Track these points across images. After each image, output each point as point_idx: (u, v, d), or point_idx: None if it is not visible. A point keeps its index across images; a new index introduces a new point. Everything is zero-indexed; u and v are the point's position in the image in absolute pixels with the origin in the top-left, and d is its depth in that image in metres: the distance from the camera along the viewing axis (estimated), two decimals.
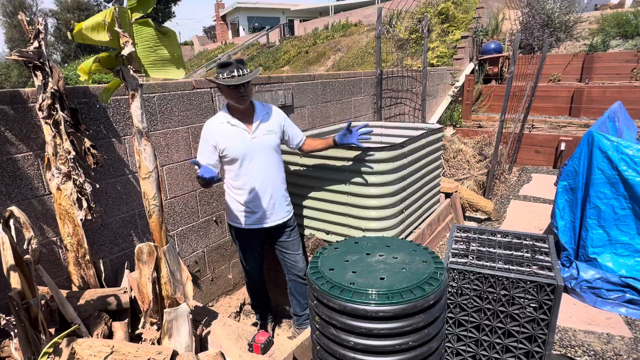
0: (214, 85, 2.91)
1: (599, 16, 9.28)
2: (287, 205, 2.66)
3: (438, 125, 3.80)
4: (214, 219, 3.11)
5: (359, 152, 2.84)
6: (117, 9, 1.58)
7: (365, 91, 4.93)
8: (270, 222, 2.55)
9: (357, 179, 2.89)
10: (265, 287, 2.94)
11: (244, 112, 2.41)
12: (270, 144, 2.46)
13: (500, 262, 2.14)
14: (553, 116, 7.44)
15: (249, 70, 2.29)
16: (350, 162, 2.88)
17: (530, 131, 6.69)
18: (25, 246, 1.64)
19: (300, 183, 3.20)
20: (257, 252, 2.68)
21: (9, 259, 1.59)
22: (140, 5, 1.67)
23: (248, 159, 2.39)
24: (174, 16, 29.69)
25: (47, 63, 1.93)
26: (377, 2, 17.79)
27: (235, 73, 2.22)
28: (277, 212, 2.57)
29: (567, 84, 7.80)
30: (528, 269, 2.05)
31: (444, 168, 5.51)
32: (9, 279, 1.61)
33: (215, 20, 32.62)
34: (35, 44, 1.89)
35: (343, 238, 3.06)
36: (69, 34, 1.58)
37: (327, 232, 3.23)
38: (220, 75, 2.24)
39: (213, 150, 2.34)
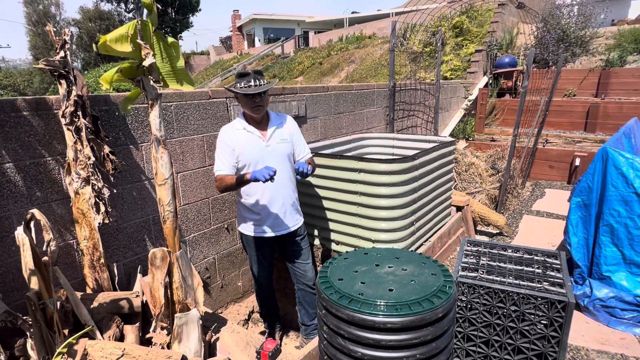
0: (229, 95, 2.98)
1: (616, 31, 9.21)
2: (297, 214, 2.68)
3: (450, 138, 3.81)
4: (226, 226, 3.15)
5: (371, 164, 2.86)
6: (139, 21, 1.64)
7: (378, 103, 4.96)
8: (281, 231, 2.57)
9: (368, 190, 2.91)
10: (274, 295, 2.96)
11: (259, 121, 2.46)
12: (283, 152, 2.50)
13: (510, 277, 2.12)
14: (568, 131, 7.37)
15: (266, 81, 2.35)
16: (361, 174, 2.90)
17: (544, 146, 6.63)
18: (44, 248, 1.69)
19: (311, 193, 3.22)
20: (267, 260, 2.70)
21: (28, 260, 1.65)
22: (152, 17, 1.73)
23: (260, 166, 2.42)
24: (192, 26, 30.34)
25: (71, 72, 2.01)
26: (392, 15, 17.94)
27: (252, 83, 2.29)
28: (288, 220, 2.59)
29: (582, 99, 7.72)
30: (539, 285, 2.03)
31: (455, 181, 5.48)
32: (27, 279, 1.66)
33: (231, 31, 33.22)
34: (62, 53, 1.97)
35: (352, 249, 3.07)
36: (94, 45, 1.65)
37: (337, 243, 3.25)
38: (238, 84, 2.31)
39: (232, 152, 2.39)
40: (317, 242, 3.38)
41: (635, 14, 14.12)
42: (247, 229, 2.58)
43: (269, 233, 2.56)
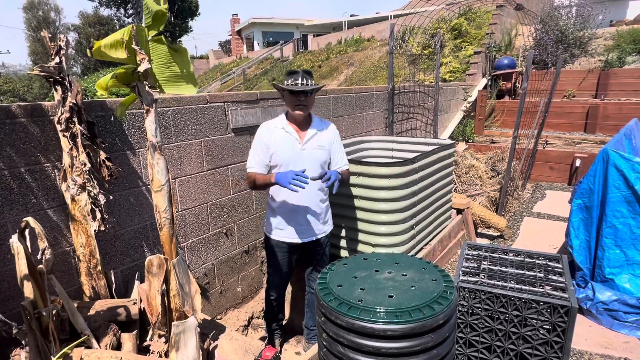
0: (227, 100, 2.96)
1: (614, 32, 9.22)
2: (323, 224, 2.57)
3: (450, 141, 3.79)
4: (224, 231, 3.13)
5: (370, 167, 2.84)
6: (134, 27, 1.63)
7: (377, 106, 4.95)
8: (303, 239, 2.51)
9: (367, 194, 2.89)
10: (283, 302, 2.86)
11: (301, 123, 2.42)
12: (317, 159, 2.42)
13: (512, 282, 2.10)
14: (567, 132, 7.35)
15: (314, 82, 2.32)
16: (361, 177, 2.88)
17: (544, 147, 6.62)
18: (39, 256, 1.67)
19: None
20: (285, 266, 2.62)
21: (23, 269, 1.62)
22: (154, 23, 1.72)
23: (292, 168, 2.36)
24: (191, 30, 30.40)
25: (66, 78, 1.99)
26: (390, 18, 17.97)
27: (299, 81, 2.27)
28: (311, 229, 2.51)
29: (582, 100, 7.71)
30: (541, 290, 2.01)
31: (455, 184, 5.46)
32: (22, 288, 1.64)
33: (230, 35, 33.31)
34: (57, 59, 1.96)
35: (352, 253, 3.05)
36: (88, 51, 1.63)
37: (337, 247, 3.22)
38: (286, 81, 2.30)
39: (266, 150, 2.37)
40: None
41: (634, 14, 14.15)
42: (270, 231, 2.56)
43: (289, 239, 2.51)
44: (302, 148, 2.38)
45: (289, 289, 3.34)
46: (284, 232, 2.51)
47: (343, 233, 3.13)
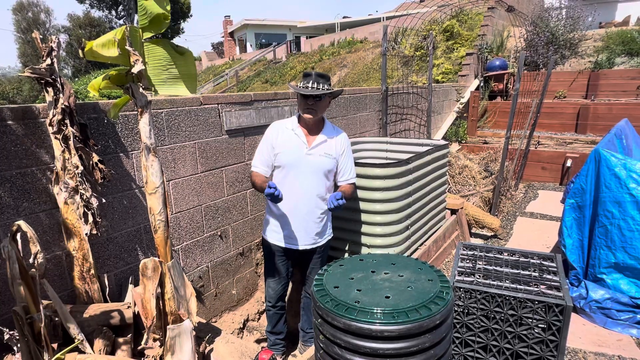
0: (221, 101, 2.95)
1: (604, 34, 9.34)
2: (319, 234, 2.51)
3: (444, 142, 3.81)
4: (219, 233, 3.11)
5: (365, 168, 2.84)
6: (128, 28, 1.61)
7: (371, 107, 4.96)
8: (295, 245, 2.47)
9: (362, 195, 2.89)
10: (283, 312, 2.75)
11: (312, 127, 2.39)
12: (322, 167, 2.37)
13: (507, 281, 2.11)
14: (559, 133, 7.43)
15: (326, 87, 2.27)
16: (356, 178, 2.87)
17: (536, 147, 6.68)
18: (31, 260, 1.64)
19: None
20: (281, 270, 2.58)
21: (14, 273, 1.60)
22: (152, 25, 1.71)
23: (294, 172, 2.33)
24: (183, 32, 30.29)
25: (58, 80, 1.96)
26: (383, 20, 18.04)
27: (310, 85, 2.24)
28: (307, 237, 2.46)
29: (572, 100, 7.80)
30: (536, 289, 2.02)
31: (449, 184, 5.49)
32: (13, 292, 1.61)
33: (223, 37, 33.24)
34: (48, 61, 1.93)
35: (348, 254, 3.05)
36: (80, 51, 1.61)
37: (332, 248, 3.22)
38: (300, 83, 2.29)
39: (271, 150, 2.35)
40: None
41: (622, 16, 14.35)
42: (266, 233, 2.55)
43: (283, 243, 2.48)
44: (307, 153, 2.35)
45: None
46: (278, 236, 2.49)
47: (338, 234, 3.13)
